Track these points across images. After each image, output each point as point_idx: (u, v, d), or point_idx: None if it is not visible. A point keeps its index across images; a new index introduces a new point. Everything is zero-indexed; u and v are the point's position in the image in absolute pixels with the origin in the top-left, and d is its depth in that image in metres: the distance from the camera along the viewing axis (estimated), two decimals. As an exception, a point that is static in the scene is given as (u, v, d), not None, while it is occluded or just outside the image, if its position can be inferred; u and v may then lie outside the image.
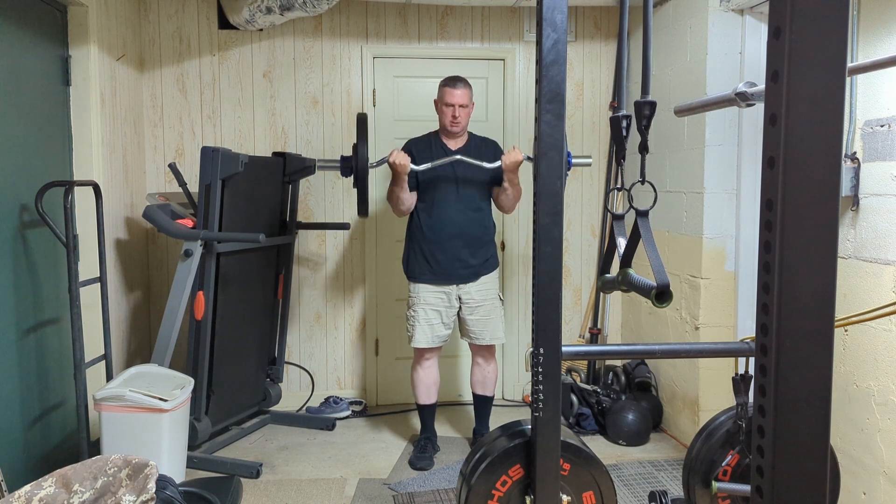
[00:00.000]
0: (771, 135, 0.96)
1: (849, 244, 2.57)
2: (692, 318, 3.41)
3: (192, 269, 3.09)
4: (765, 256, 0.99)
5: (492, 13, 4.10)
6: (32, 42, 2.81)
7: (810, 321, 0.97)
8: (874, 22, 2.45)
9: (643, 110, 1.62)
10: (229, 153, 3.15)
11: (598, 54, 4.19)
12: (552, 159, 1.62)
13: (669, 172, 3.61)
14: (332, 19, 4.01)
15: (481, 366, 3.44)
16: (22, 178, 2.70)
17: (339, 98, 4.05)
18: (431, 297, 3.29)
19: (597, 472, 1.83)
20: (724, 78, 3.22)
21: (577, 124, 4.18)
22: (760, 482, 1.02)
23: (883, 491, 2.44)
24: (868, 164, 2.48)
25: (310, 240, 4.10)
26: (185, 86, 3.95)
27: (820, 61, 0.92)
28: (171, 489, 2.14)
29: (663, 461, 3.33)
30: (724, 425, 1.90)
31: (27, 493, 1.86)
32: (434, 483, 3.10)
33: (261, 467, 3.16)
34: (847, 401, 2.59)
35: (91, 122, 3.12)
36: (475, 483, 1.79)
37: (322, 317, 4.15)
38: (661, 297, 1.53)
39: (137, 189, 3.78)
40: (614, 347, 2.92)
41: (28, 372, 2.73)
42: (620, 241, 1.73)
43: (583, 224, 4.27)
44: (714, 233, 3.31)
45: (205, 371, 3.22)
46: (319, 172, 3.95)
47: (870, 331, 2.48)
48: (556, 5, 1.57)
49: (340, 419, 3.90)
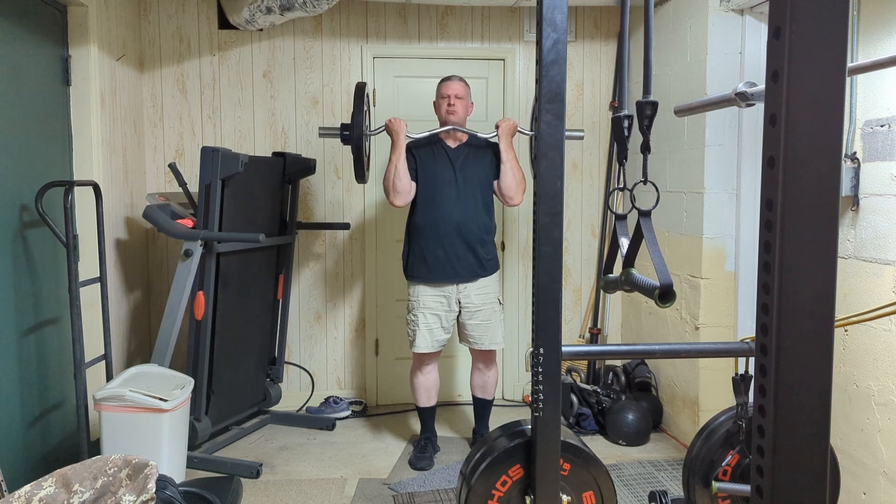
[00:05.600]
0: (771, 135, 0.96)
1: (849, 244, 2.57)
2: (692, 318, 3.41)
3: (192, 269, 3.09)
4: (765, 256, 0.99)
5: (492, 13, 4.10)
6: (32, 42, 2.81)
7: (810, 321, 0.97)
8: (874, 22, 2.45)
9: (645, 110, 1.62)
10: (229, 153, 3.15)
11: (598, 54, 4.19)
12: (552, 159, 1.62)
13: (669, 172, 3.61)
14: (332, 19, 4.01)
15: (482, 371, 3.43)
16: (22, 178, 2.70)
17: (339, 98, 4.05)
18: (431, 300, 3.28)
19: (597, 472, 1.83)
20: (724, 78, 3.22)
21: (577, 124, 4.18)
22: (760, 482, 1.02)
23: (883, 491, 2.44)
24: (868, 164, 2.48)
25: (310, 240, 4.10)
26: (185, 86, 3.95)
27: (820, 61, 0.92)
28: (171, 489, 2.14)
29: (663, 461, 3.33)
30: (724, 425, 1.90)
31: (27, 493, 1.86)
32: (434, 483, 3.10)
33: (261, 467, 3.16)
34: (847, 401, 2.59)
35: (91, 122, 3.12)
36: (475, 483, 1.79)
37: (322, 317, 4.15)
38: (664, 297, 1.53)
39: (137, 189, 3.78)
40: (614, 347, 2.92)
41: (28, 372, 2.73)
42: (623, 242, 1.73)
43: (583, 224, 4.27)
44: (714, 233, 3.31)
45: (205, 371, 3.22)
46: (319, 172, 3.95)
47: (870, 331, 2.48)
48: (556, 5, 1.57)
49: (340, 419, 3.90)
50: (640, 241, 1.65)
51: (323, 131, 3.25)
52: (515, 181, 3.21)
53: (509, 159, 3.19)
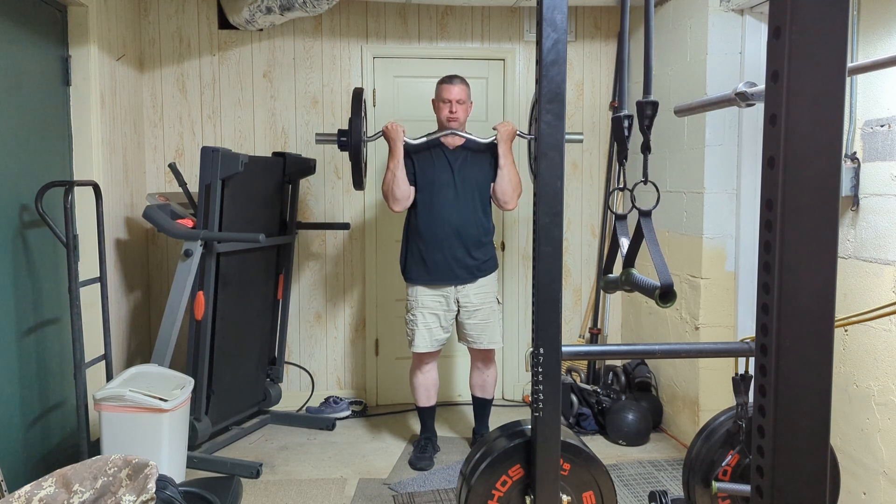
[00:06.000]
0: (771, 135, 0.96)
1: (849, 244, 2.57)
2: (692, 318, 3.41)
3: (192, 269, 3.09)
4: (765, 256, 0.99)
5: (492, 13, 4.10)
6: (32, 42, 2.81)
7: (810, 321, 0.97)
8: (874, 22, 2.45)
9: (645, 110, 1.62)
10: (229, 153, 3.15)
11: (598, 54, 4.19)
12: (552, 159, 1.62)
13: (669, 172, 3.61)
14: (332, 19, 4.01)
15: (481, 370, 3.43)
16: (22, 178, 2.70)
17: (339, 98, 4.05)
18: (429, 300, 3.28)
19: (597, 472, 1.83)
20: (724, 78, 3.22)
21: (577, 124, 4.18)
22: (760, 482, 1.02)
23: (883, 491, 2.44)
24: (868, 164, 2.48)
25: (310, 240, 4.10)
26: (185, 86, 3.95)
27: (820, 61, 0.92)
28: (171, 489, 2.14)
29: (663, 461, 3.33)
30: (724, 425, 1.90)
31: (27, 493, 1.86)
32: (434, 483, 3.10)
33: (261, 467, 3.16)
34: (847, 401, 2.59)
35: (91, 122, 3.12)
36: (475, 483, 1.79)
37: (322, 317, 4.15)
38: (665, 297, 1.53)
39: (137, 189, 3.78)
40: (614, 347, 2.92)
41: (28, 372, 2.73)
42: (623, 242, 1.73)
43: (583, 224, 4.27)
44: (714, 233, 3.31)
45: (205, 371, 3.22)
46: (319, 172, 3.95)
47: (870, 331, 2.48)
48: (556, 5, 1.57)
49: (340, 419, 3.90)
50: (640, 241, 1.65)
51: (320, 138, 3.21)
52: (511, 186, 3.19)
53: (507, 164, 3.19)
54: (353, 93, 3.13)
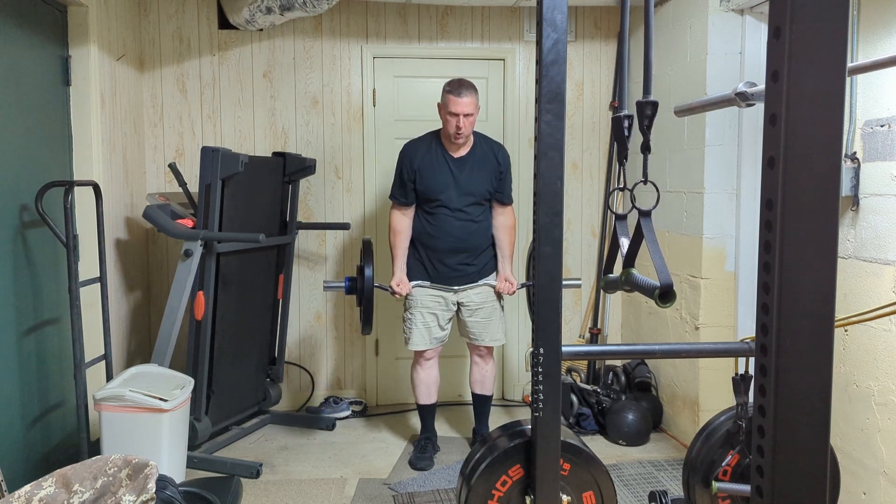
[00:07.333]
0: (771, 135, 0.96)
1: (849, 244, 2.57)
2: (692, 318, 3.41)
3: (192, 269, 3.09)
4: (765, 256, 0.99)
5: (492, 13, 4.10)
6: (32, 42, 2.81)
7: (810, 321, 0.97)
8: (874, 22, 2.45)
9: (645, 110, 1.62)
10: (229, 153, 3.15)
11: (598, 54, 4.19)
12: (552, 159, 1.62)
13: (669, 172, 3.61)
14: (332, 19, 4.01)
15: (479, 364, 3.44)
16: (22, 178, 2.70)
17: (339, 98, 4.05)
18: (428, 300, 3.28)
19: (597, 472, 1.83)
20: (724, 78, 3.22)
21: (577, 124, 4.18)
22: (760, 482, 1.02)
23: (883, 491, 2.44)
24: (868, 164, 2.48)
25: (310, 240, 4.10)
26: (185, 86, 3.95)
27: (820, 61, 0.92)
28: (171, 489, 2.14)
29: (663, 461, 3.33)
30: (724, 425, 1.90)
31: (27, 493, 1.86)
32: (434, 483, 3.10)
33: (261, 467, 3.16)
34: (847, 401, 2.59)
35: (91, 122, 3.12)
36: (475, 483, 1.79)
37: (322, 317, 4.15)
38: (664, 297, 1.53)
39: (137, 189, 3.78)
40: (614, 347, 2.92)
41: (28, 372, 2.73)
42: (623, 242, 1.73)
43: (583, 224, 4.27)
44: (714, 233, 3.31)
45: (205, 371, 3.22)
46: (319, 172, 3.95)
47: (870, 331, 2.48)
48: (556, 5, 1.57)
49: (340, 419, 3.90)
50: (640, 241, 1.65)
51: (327, 286, 3.21)
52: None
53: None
54: (363, 243, 3.19)
